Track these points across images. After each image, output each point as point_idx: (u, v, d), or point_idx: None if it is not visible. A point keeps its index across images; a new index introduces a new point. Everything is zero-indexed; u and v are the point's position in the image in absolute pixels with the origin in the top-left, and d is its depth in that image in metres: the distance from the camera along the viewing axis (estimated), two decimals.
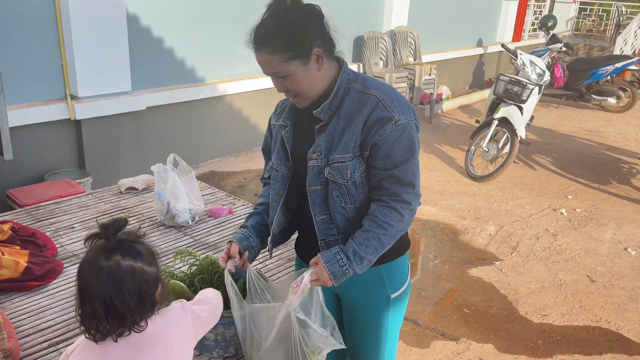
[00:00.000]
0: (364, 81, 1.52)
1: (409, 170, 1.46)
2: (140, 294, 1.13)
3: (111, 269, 1.11)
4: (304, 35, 1.40)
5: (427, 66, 7.22)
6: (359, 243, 1.47)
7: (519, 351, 2.90)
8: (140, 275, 1.14)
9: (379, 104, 1.45)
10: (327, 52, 1.47)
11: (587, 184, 5.40)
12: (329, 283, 1.48)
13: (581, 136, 7.06)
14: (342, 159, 1.47)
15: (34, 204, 2.87)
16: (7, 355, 1.52)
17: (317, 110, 1.50)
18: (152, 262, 1.19)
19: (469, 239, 4.14)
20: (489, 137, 5.28)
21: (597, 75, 7.80)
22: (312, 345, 1.52)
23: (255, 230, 1.71)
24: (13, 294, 1.94)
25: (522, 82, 5.18)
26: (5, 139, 3.04)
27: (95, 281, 1.11)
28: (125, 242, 1.16)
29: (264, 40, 1.41)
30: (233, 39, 5.28)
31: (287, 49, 1.39)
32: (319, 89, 1.49)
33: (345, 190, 1.50)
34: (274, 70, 1.44)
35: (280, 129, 1.61)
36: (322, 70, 1.47)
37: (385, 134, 1.43)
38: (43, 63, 3.93)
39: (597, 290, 3.50)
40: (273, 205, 1.66)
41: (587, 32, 12.53)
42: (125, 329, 1.14)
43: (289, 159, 1.60)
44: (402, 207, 1.47)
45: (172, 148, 3.89)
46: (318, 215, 1.56)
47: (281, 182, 1.63)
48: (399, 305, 1.69)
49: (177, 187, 2.49)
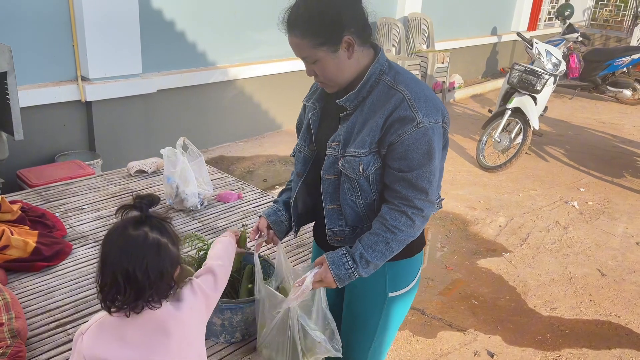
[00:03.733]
0: (397, 75, 1.45)
1: (424, 176, 1.40)
2: (162, 269, 1.15)
3: (138, 238, 1.13)
4: (335, 22, 1.36)
5: (440, 54, 7.13)
6: (367, 246, 1.43)
7: (526, 344, 2.88)
8: (164, 251, 1.15)
9: (403, 102, 1.39)
10: (361, 39, 1.42)
11: (600, 176, 5.33)
12: (333, 285, 1.45)
13: (595, 128, 6.96)
14: (357, 154, 1.43)
15: (44, 184, 2.88)
16: (15, 335, 1.52)
17: (341, 99, 1.46)
18: (176, 243, 1.20)
19: (479, 230, 4.11)
20: (501, 127, 5.22)
21: (613, 67, 7.66)
22: (307, 347, 1.51)
23: (285, 205, 1.71)
24: (21, 274, 1.94)
25: (537, 71, 5.10)
26: (15, 119, 3.04)
27: (121, 249, 1.13)
28: (154, 218, 1.19)
29: (295, 23, 1.38)
30: (244, 23, 5.24)
31: (316, 35, 1.36)
32: (348, 77, 1.45)
33: (357, 184, 1.46)
34: (303, 54, 1.42)
35: (309, 111, 1.59)
36: (353, 58, 1.42)
37: (404, 134, 1.37)
38: (54, 44, 3.92)
39: (608, 285, 3.47)
40: (294, 186, 1.66)
41: (604, 23, 12.29)
42: (140, 303, 1.14)
43: (313, 141, 1.59)
44: (413, 212, 1.42)
45: (181, 132, 3.88)
46: (328, 204, 1.54)
47: (302, 163, 1.62)
48: (396, 306, 1.64)
49: (187, 171, 2.48)
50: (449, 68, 7.30)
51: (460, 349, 2.80)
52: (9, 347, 1.47)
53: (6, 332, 1.51)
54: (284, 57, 5.72)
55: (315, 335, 1.51)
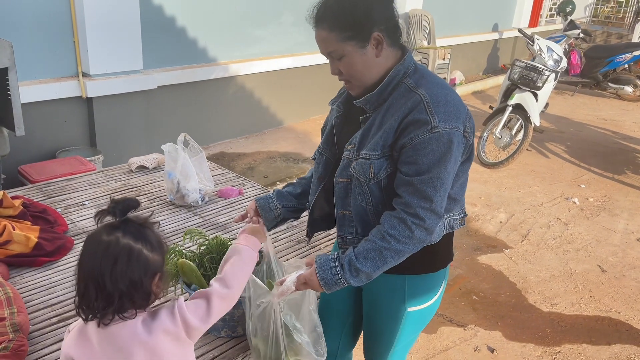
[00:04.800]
0: (420, 78, 1.38)
1: (430, 182, 1.31)
2: (132, 277, 1.08)
3: (109, 244, 1.09)
4: (366, 16, 1.31)
5: (441, 50, 7.12)
6: (358, 253, 1.35)
7: (526, 339, 2.88)
8: (136, 258, 1.09)
9: (420, 105, 1.31)
10: (390, 38, 1.36)
11: (601, 173, 5.33)
12: (318, 289, 1.39)
13: (596, 125, 6.95)
14: (368, 156, 1.37)
15: (45, 180, 2.88)
16: (17, 330, 1.53)
17: (360, 100, 1.41)
18: (155, 249, 1.13)
19: (479, 226, 4.11)
20: (502, 123, 5.21)
21: (615, 63, 7.65)
22: (289, 346, 1.49)
23: (280, 195, 1.69)
24: (23, 269, 1.95)
25: (538, 68, 5.09)
26: (17, 115, 3.04)
27: (92, 255, 1.09)
28: (132, 222, 1.13)
29: (324, 16, 1.34)
30: (245, 19, 5.23)
31: (345, 28, 1.31)
32: (374, 77, 1.38)
33: (368, 189, 1.40)
34: (329, 49, 1.36)
35: (334, 114, 1.55)
36: (381, 57, 1.36)
37: (416, 138, 1.30)
38: (55, 39, 3.92)
39: (608, 281, 3.47)
40: (313, 189, 1.61)
41: (606, 19, 12.27)
42: (109, 312, 1.09)
43: (334, 144, 1.54)
44: (413, 221, 1.32)
45: (182, 128, 3.89)
46: (340, 209, 1.50)
47: (324, 166, 1.57)
48: (416, 320, 1.59)
49: (188, 167, 2.48)
50: (450, 64, 7.29)
51: (460, 344, 2.81)
52: (11, 341, 1.47)
53: (8, 327, 1.52)
54: (285, 53, 5.72)
55: (297, 337, 1.48)
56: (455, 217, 1.52)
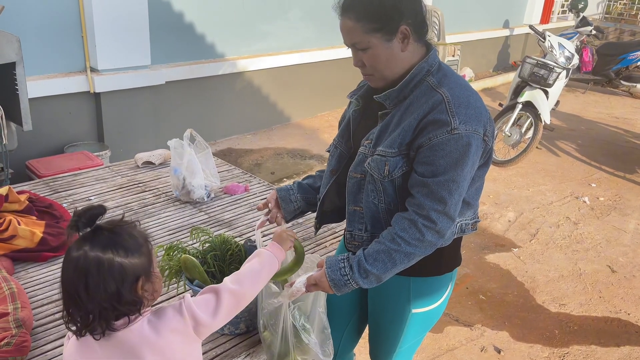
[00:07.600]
0: (444, 77, 1.35)
1: (445, 184, 1.28)
2: (108, 289, 1.03)
3: (78, 259, 1.04)
4: (394, 8, 1.28)
5: (451, 47, 7.06)
6: (368, 255, 1.34)
7: (534, 340, 2.85)
8: (107, 269, 1.04)
9: (441, 105, 1.29)
10: (417, 34, 1.34)
11: (612, 172, 5.26)
12: (328, 290, 1.38)
13: (608, 123, 6.87)
14: (384, 153, 1.34)
15: (53, 175, 2.89)
16: (20, 325, 1.53)
17: (380, 95, 1.39)
18: (131, 253, 1.07)
19: (488, 225, 4.07)
20: (512, 121, 5.16)
21: (627, 61, 7.54)
22: (296, 346, 1.49)
23: (301, 187, 1.68)
24: (28, 264, 1.95)
25: (549, 65, 5.02)
26: (24, 110, 3.05)
27: (65, 273, 1.06)
28: (103, 230, 1.08)
29: (352, 5, 1.30)
30: (253, 14, 5.21)
31: (373, 19, 1.29)
32: (398, 71, 1.36)
33: (381, 187, 1.38)
34: (354, 40, 1.33)
35: (352, 107, 1.53)
36: (406, 52, 1.34)
37: (434, 138, 1.27)
38: (63, 34, 3.92)
39: (618, 281, 3.42)
40: (324, 181, 1.60)
41: (618, 16, 12.11)
42: (95, 325, 1.06)
43: (350, 138, 1.52)
44: (424, 224, 1.30)
45: (189, 123, 3.87)
46: (351, 204, 1.48)
47: (337, 160, 1.55)
48: (420, 322, 1.57)
49: (194, 163, 2.47)
50: (460, 61, 7.23)
51: (467, 344, 2.78)
52: (14, 336, 1.47)
53: (11, 322, 1.52)
54: (293, 49, 5.69)
55: (305, 337, 1.47)
56: (468, 221, 1.48)
